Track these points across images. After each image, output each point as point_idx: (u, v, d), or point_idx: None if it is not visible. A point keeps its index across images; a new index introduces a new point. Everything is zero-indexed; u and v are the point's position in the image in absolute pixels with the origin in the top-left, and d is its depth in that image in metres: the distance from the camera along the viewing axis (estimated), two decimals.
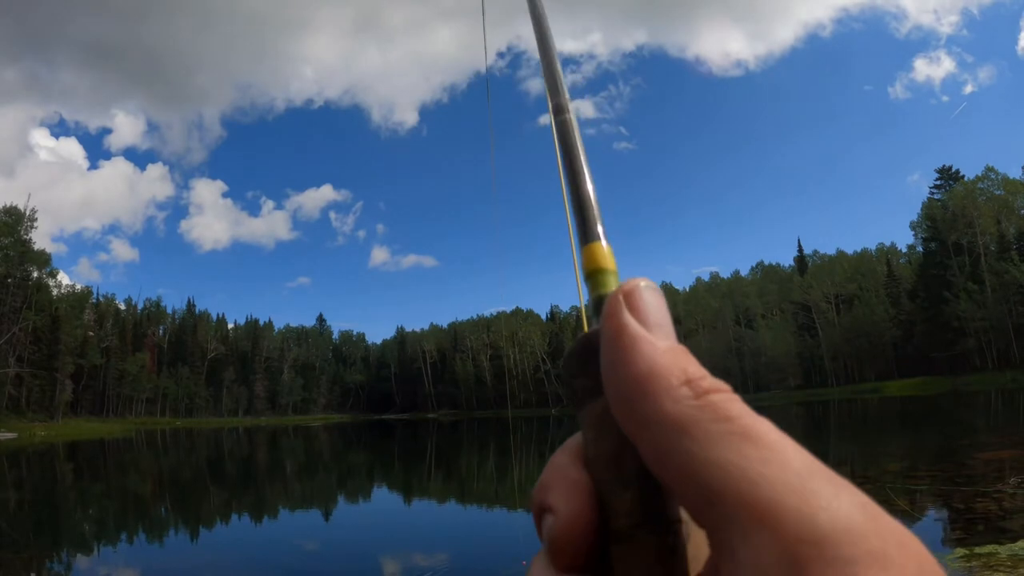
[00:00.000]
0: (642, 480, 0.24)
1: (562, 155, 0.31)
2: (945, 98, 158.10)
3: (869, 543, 0.19)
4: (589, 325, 0.27)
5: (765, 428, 0.22)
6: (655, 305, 0.25)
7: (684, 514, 0.25)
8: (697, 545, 0.25)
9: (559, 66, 0.34)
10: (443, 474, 16.89)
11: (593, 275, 0.27)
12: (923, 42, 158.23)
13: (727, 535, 0.21)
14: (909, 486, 7.89)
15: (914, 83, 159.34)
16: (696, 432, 0.22)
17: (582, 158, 0.30)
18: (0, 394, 55.82)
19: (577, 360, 0.27)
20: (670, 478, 0.22)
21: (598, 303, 0.26)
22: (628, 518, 0.24)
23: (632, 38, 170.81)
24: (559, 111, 0.32)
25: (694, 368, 0.24)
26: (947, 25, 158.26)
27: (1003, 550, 4.73)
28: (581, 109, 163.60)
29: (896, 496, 7.16)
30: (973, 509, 6.36)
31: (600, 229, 0.28)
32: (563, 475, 0.26)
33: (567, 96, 0.32)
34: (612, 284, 0.27)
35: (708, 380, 0.23)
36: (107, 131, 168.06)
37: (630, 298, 0.25)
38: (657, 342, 0.24)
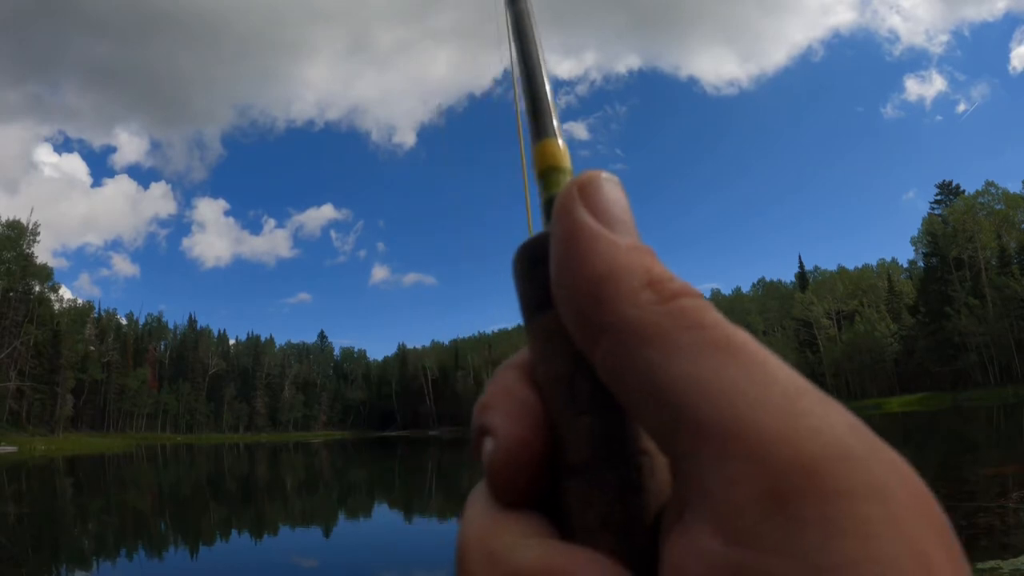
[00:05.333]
0: (599, 405, 0.20)
1: (515, 42, 0.26)
2: (938, 117, 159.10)
3: (867, 472, 0.16)
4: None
5: (743, 338, 0.18)
6: (615, 199, 0.22)
7: (650, 445, 0.20)
8: (663, 481, 0.20)
9: None
10: (444, 491, 16.80)
11: (546, 174, 0.24)
12: (914, 62, 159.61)
13: (697, 463, 0.17)
14: None
15: (906, 102, 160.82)
16: (662, 341, 0.18)
17: (538, 47, 0.26)
18: (1, 408, 55.75)
19: (523, 267, 0.23)
20: (631, 397, 0.19)
21: (549, 204, 0.22)
22: (583, 449, 0.20)
23: (625, 60, 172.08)
24: None
25: (660, 268, 0.20)
26: (938, 45, 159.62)
27: (1006, 565, 4.72)
28: (574, 132, 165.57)
29: None
30: (975, 524, 6.32)
31: (556, 125, 0.24)
32: (509, 393, 0.22)
33: None
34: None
35: (676, 282, 0.20)
36: (111, 149, 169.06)
37: (586, 191, 0.21)
38: (618, 240, 0.20)
